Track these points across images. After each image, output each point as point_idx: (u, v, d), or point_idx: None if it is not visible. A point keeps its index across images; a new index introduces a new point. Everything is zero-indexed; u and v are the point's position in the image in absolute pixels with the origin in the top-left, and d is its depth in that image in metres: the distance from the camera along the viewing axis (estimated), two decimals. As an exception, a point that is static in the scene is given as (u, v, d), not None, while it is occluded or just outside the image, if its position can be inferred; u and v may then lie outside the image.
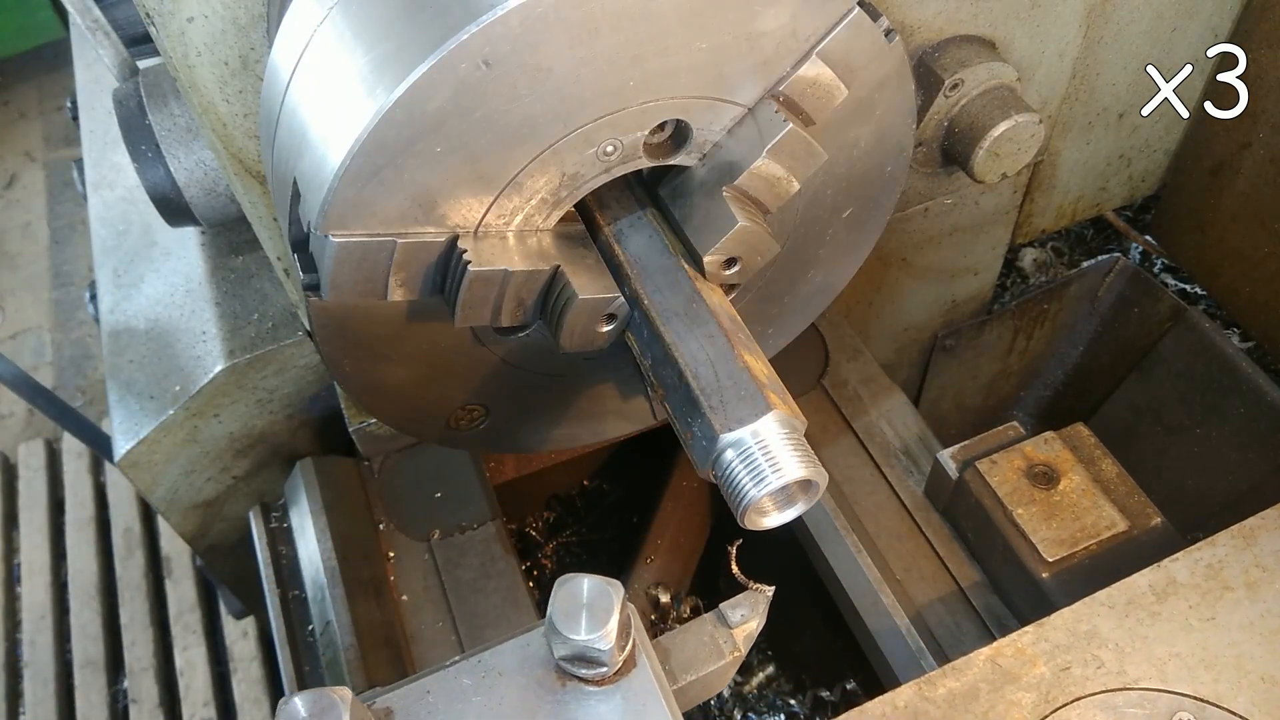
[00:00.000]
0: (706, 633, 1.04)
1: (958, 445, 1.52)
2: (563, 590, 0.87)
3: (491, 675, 0.93)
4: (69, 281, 4.42)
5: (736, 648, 1.03)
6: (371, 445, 1.59)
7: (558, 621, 0.86)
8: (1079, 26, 1.55)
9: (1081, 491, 1.44)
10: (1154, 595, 1.21)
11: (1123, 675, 1.15)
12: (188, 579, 3.18)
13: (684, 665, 1.01)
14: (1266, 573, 1.21)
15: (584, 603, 0.87)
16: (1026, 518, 1.42)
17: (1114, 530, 1.41)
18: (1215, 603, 1.19)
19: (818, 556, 1.60)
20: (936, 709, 1.13)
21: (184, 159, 1.40)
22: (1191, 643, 1.17)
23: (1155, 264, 2.42)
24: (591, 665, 0.89)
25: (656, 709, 0.90)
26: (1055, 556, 1.39)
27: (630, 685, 0.91)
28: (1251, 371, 1.89)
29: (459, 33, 0.82)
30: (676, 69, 0.93)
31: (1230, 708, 1.12)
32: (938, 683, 1.15)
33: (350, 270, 0.94)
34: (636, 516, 2.11)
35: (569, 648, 0.88)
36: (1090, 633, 1.18)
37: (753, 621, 1.04)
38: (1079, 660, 1.16)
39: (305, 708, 0.81)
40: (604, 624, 0.86)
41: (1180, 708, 1.12)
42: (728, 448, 0.91)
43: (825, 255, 1.26)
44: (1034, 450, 1.49)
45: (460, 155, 0.90)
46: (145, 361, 1.60)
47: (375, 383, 1.14)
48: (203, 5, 1.06)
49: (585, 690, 0.91)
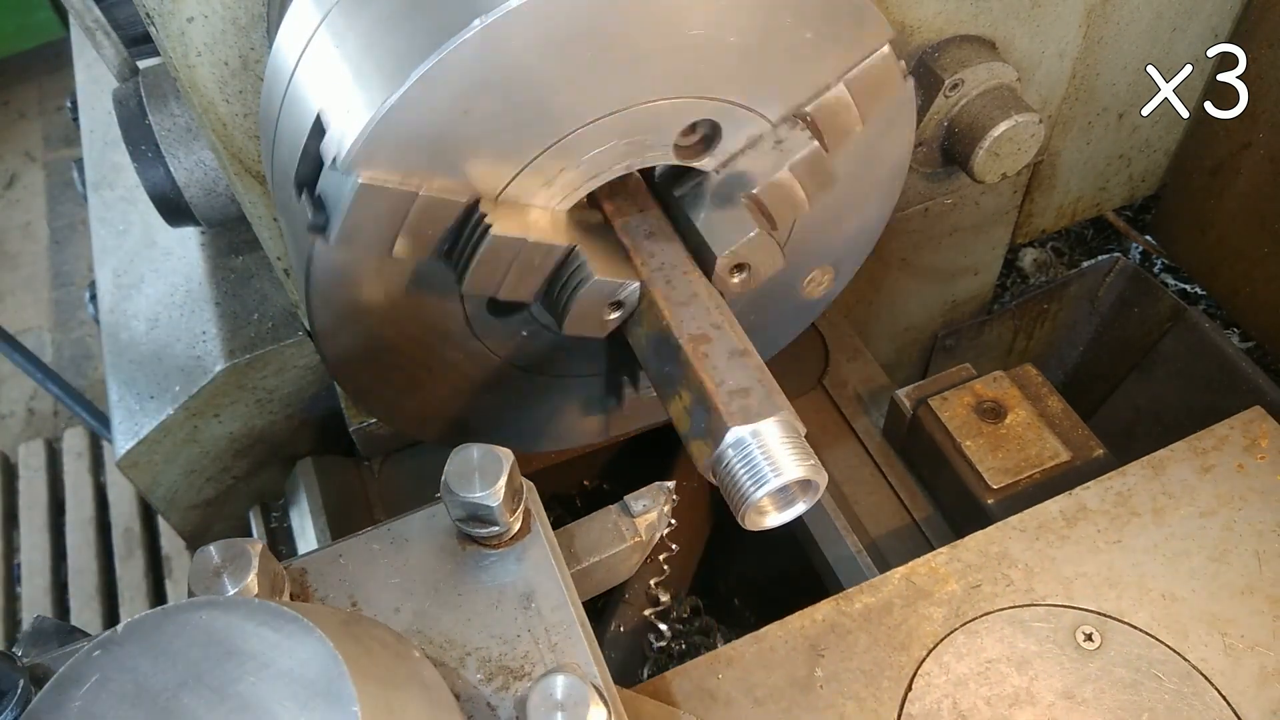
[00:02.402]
0: (610, 520, 1.13)
1: (913, 385, 1.59)
2: (457, 456, 0.95)
3: (399, 541, 1.01)
4: (69, 281, 4.42)
5: (638, 534, 1.12)
6: (371, 445, 1.59)
7: (452, 483, 0.94)
8: (1079, 26, 1.55)
9: (1027, 425, 1.50)
10: (1064, 520, 1.27)
11: (1030, 593, 1.22)
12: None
13: (588, 549, 1.10)
14: (1173, 500, 1.28)
15: (475, 466, 0.94)
16: (974, 449, 1.48)
17: (1057, 460, 1.46)
18: (1122, 527, 1.26)
19: (818, 556, 1.60)
20: (853, 621, 1.21)
21: (184, 159, 1.40)
22: (1098, 563, 1.23)
23: (1155, 264, 2.42)
24: (485, 525, 0.96)
25: (548, 568, 0.97)
26: (1000, 484, 1.44)
27: (525, 548, 0.99)
28: (1251, 371, 1.89)
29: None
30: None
31: (1131, 622, 1.18)
32: (854, 598, 1.23)
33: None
34: (636, 516, 2.11)
35: (463, 507, 0.95)
36: (1001, 554, 1.25)
37: (654, 512, 1.12)
38: (989, 579, 1.23)
39: (219, 554, 0.88)
40: (494, 484, 0.93)
41: (1084, 622, 1.19)
42: (728, 448, 0.91)
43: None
44: (983, 388, 1.54)
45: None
46: (145, 361, 1.60)
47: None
48: (203, 5, 1.06)
49: (483, 552, 0.99)
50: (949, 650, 1.17)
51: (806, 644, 1.18)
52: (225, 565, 0.87)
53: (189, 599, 0.79)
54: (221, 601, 0.76)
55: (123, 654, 0.73)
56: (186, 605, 0.76)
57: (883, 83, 1.04)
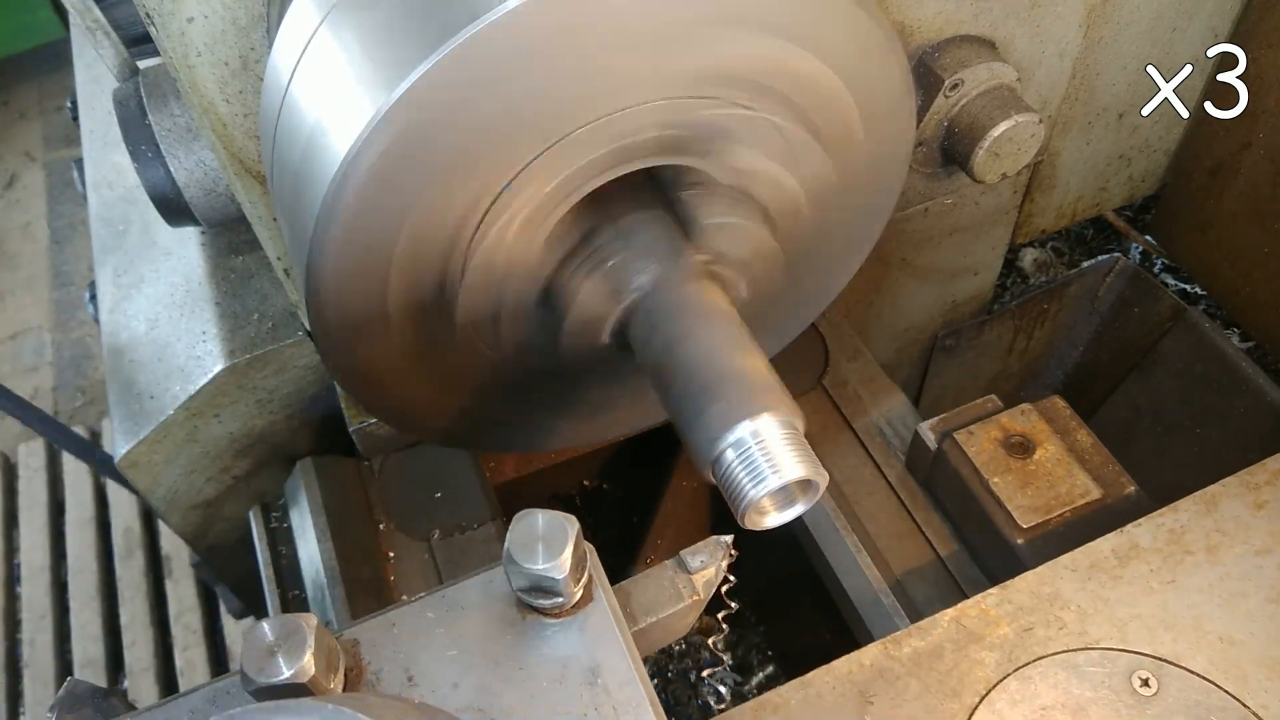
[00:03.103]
0: (667, 577, 1.07)
1: (937, 418, 1.55)
2: (520, 524, 0.90)
3: (455, 609, 0.96)
4: (69, 281, 4.43)
5: (696, 592, 1.07)
6: (371, 445, 1.59)
7: (515, 553, 0.89)
8: (1079, 26, 1.55)
9: (1056, 461, 1.46)
10: (1116, 559, 1.23)
11: (1084, 635, 1.17)
12: (188, 579, 3.18)
13: (645, 608, 1.05)
14: (1226, 537, 1.24)
15: (540, 535, 0.90)
16: (1002, 486, 1.44)
17: (1088, 498, 1.43)
18: (1176, 566, 1.22)
19: (818, 556, 1.60)
20: (902, 666, 1.16)
21: (184, 159, 1.40)
22: (1152, 604, 1.19)
23: (1155, 264, 2.42)
24: (548, 595, 0.92)
25: (613, 639, 0.93)
26: (1030, 523, 1.41)
27: (588, 617, 0.94)
28: (1251, 371, 1.89)
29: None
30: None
31: (1188, 666, 1.14)
32: (903, 642, 1.18)
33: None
34: (636, 516, 2.11)
35: (526, 578, 0.91)
36: (1053, 595, 1.21)
37: (711, 568, 1.07)
38: (1042, 621, 1.19)
39: (273, 632, 0.84)
40: (559, 554, 0.89)
41: (1140, 666, 1.14)
42: (728, 448, 0.91)
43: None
44: (1011, 421, 1.51)
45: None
46: (145, 361, 1.59)
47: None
48: (203, 5, 1.06)
49: (544, 622, 0.94)
50: (1002, 697, 1.13)
51: (855, 690, 1.14)
52: (280, 644, 0.83)
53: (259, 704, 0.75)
54: (292, 707, 0.71)
55: None
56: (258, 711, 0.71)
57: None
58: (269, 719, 0.70)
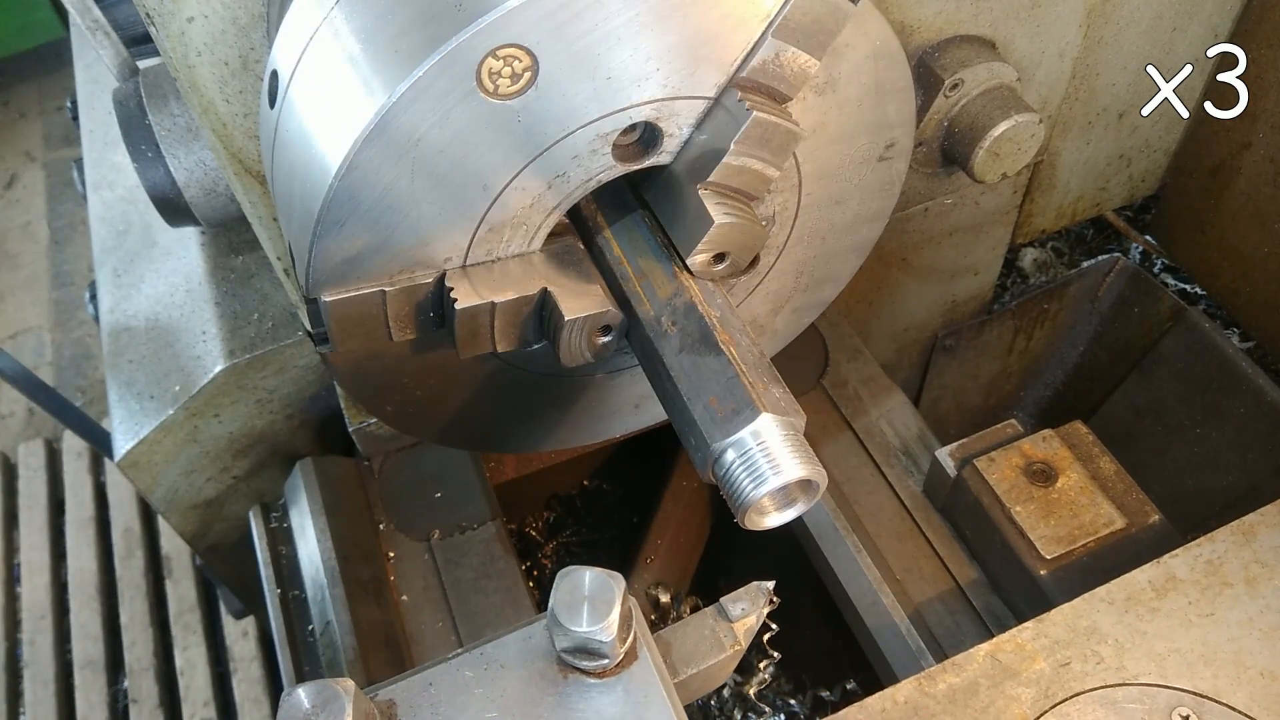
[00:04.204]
0: (708, 626, 1.05)
1: (956, 443, 1.53)
2: (565, 582, 0.87)
3: (494, 668, 0.93)
4: (69, 281, 4.43)
5: (737, 641, 1.04)
6: (371, 445, 1.59)
7: (560, 614, 0.87)
8: (1079, 26, 1.55)
9: (1079, 489, 1.44)
10: (1154, 591, 1.21)
11: (1122, 671, 1.15)
12: (188, 579, 3.18)
13: (685, 658, 1.02)
14: (1266, 569, 1.22)
15: (585, 595, 0.87)
16: (1024, 515, 1.42)
17: (1112, 528, 1.41)
18: (1215, 599, 1.20)
19: (818, 556, 1.60)
20: (937, 704, 1.14)
21: (184, 159, 1.40)
22: (1191, 638, 1.17)
23: (1155, 264, 2.42)
24: (593, 657, 0.89)
25: (658, 700, 0.90)
26: (1053, 554, 1.39)
27: (632, 677, 0.91)
28: (1251, 371, 1.89)
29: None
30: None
31: (1229, 703, 1.12)
32: (938, 678, 1.16)
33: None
34: (636, 516, 2.11)
35: (571, 640, 0.88)
36: (1090, 628, 1.18)
37: (753, 616, 1.05)
38: (1079, 656, 1.16)
39: (309, 699, 0.81)
40: (606, 616, 0.86)
41: (1180, 703, 1.12)
42: (728, 448, 0.91)
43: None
44: (1032, 448, 1.49)
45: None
46: (145, 361, 1.59)
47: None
48: (203, 5, 1.06)
49: (587, 682, 0.91)
50: None
51: None
52: (316, 712, 0.81)
53: None
54: None
55: None
56: None
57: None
58: None
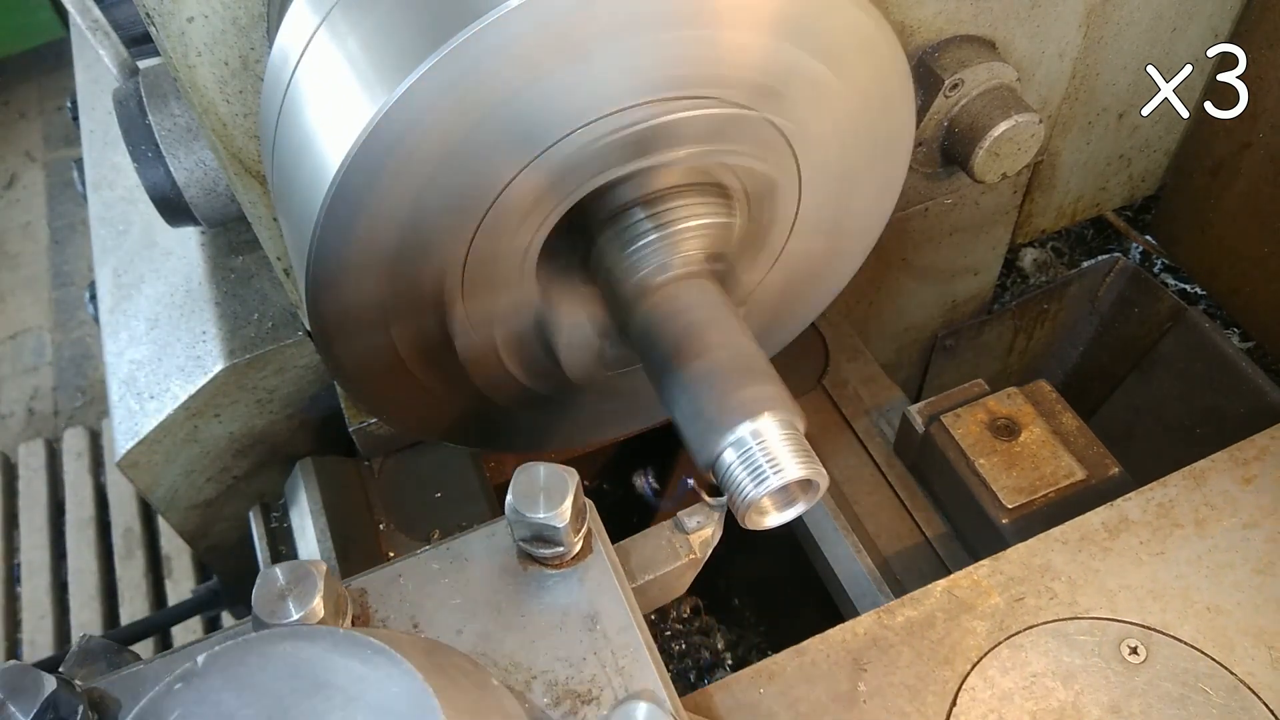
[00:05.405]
0: (664, 537, 1.11)
1: (924, 401, 1.57)
2: (522, 476, 0.93)
3: (459, 561, 0.99)
4: (69, 281, 4.43)
5: (693, 551, 1.09)
6: (371, 445, 1.59)
7: (517, 503, 0.92)
8: (1079, 26, 1.55)
9: (1041, 443, 1.48)
10: (1106, 532, 1.26)
11: (1074, 605, 1.20)
12: (188, 579, 3.18)
13: (642, 566, 1.08)
14: (1215, 511, 1.26)
15: (541, 486, 0.93)
16: (988, 467, 1.46)
17: (1072, 479, 1.44)
18: (1165, 539, 1.24)
19: (818, 556, 1.60)
20: (895, 635, 1.19)
21: (184, 159, 1.40)
22: (1141, 576, 1.22)
23: (1155, 264, 2.42)
24: (549, 545, 0.95)
25: (611, 589, 0.96)
26: (1015, 504, 1.42)
27: (587, 569, 0.97)
28: (1251, 371, 1.89)
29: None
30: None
31: (1176, 635, 1.17)
32: (896, 611, 1.21)
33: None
34: (636, 517, 2.11)
35: (527, 528, 0.93)
36: (1044, 566, 1.23)
37: (708, 528, 1.10)
38: (1032, 591, 1.21)
39: (284, 576, 0.86)
40: (560, 504, 0.92)
41: (1129, 635, 1.17)
42: (728, 447, 0.91)
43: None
44: (997, 404, 1.53)
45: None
46: (145, 361, 1.59)
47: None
48: (203, 5, 1.06)
49: (545, 572, 0.98)
50: (994, 664, 1.15)
51: (849, 658, 1.17)
52: (290, 588, 0.85)
53: (270, 629, 0.77)
54: (305, 632, 0.74)
55: (205, 687, 0.71)
56: (270, 636, 0.73)
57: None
58: (282, 642, 0.72)
